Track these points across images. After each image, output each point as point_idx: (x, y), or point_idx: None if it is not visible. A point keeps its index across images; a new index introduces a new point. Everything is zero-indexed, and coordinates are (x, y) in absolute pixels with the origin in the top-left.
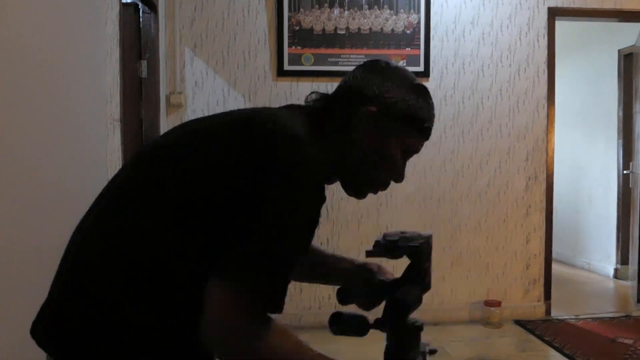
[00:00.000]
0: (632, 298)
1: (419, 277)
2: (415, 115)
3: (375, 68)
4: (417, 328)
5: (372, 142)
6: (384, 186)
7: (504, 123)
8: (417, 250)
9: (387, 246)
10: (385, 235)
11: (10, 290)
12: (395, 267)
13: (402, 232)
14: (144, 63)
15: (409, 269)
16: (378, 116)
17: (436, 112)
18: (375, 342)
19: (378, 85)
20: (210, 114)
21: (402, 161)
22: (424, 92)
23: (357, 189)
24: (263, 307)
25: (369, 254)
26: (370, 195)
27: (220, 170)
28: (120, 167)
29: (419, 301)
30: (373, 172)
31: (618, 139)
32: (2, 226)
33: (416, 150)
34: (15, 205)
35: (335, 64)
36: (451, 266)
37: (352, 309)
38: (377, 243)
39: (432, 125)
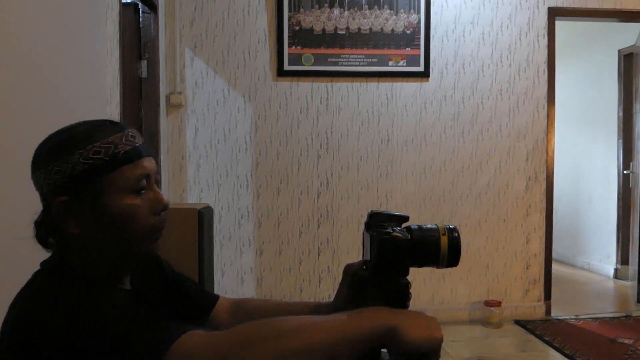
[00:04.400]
0: (632, 298)
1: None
2: (102, 164)
3: (35, 159)
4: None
5: (95, 221)
6: (153, 227)
7: (504, 123)
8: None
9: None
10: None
11: (11, 294)
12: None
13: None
14: (144, 63)
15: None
16: (72, 199)
17: (436, 112)
18: None
19: (44, 175)
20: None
21: (143, 192)
22: (90, 131)
23: (139, 247)
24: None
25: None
26: (369, 195)
27: None
28: None
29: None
30: (125, 234)
31: (618, 139)
32: (1, 228)
33: (143, 174)
34: (15, 206)
35: (336, 64)
36: None
37: None
38: (391, 234)
39: (129, 142)
